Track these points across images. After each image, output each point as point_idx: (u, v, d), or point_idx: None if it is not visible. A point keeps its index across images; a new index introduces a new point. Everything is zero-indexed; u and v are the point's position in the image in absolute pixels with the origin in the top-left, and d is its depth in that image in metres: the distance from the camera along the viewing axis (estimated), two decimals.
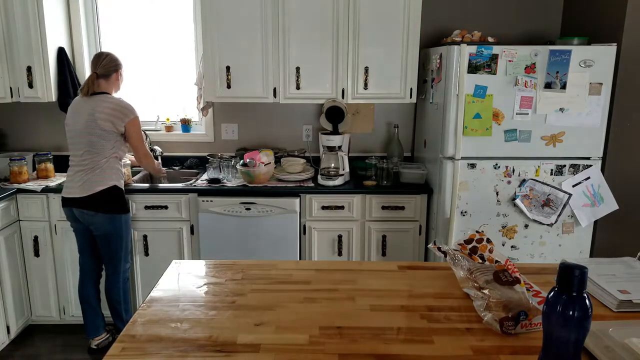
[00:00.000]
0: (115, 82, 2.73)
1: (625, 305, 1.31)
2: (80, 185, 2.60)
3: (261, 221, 2.95)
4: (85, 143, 2.59)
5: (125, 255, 2.78)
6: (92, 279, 2.83)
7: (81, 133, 2.59)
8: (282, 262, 1.65)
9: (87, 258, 2.80)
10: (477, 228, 2.78)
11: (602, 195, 2.74)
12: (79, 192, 2.60)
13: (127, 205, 2.75)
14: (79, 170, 2.61)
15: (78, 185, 2.60)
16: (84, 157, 2.60)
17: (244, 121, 3.52)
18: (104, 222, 2.66)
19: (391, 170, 3.07)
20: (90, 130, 2.57)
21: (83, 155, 2.60)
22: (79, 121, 2.60)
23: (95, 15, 3.45)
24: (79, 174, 2.61)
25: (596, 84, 2.61)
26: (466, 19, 3.31)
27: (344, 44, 3.02)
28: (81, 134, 2.59)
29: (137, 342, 1.17)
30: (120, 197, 2.69)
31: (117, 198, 2.67)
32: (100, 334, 2.87)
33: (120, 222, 2.70)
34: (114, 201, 2.66)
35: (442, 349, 1.14)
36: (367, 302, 1.36)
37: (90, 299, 2.82)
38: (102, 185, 2.61)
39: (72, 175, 2.65)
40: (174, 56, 3.54)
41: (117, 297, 2.80)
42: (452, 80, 2.64)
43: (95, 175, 2.60)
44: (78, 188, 2.60)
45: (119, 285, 2.79)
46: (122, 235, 2.73)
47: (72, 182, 2.63)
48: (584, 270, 0.89)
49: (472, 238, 1.46)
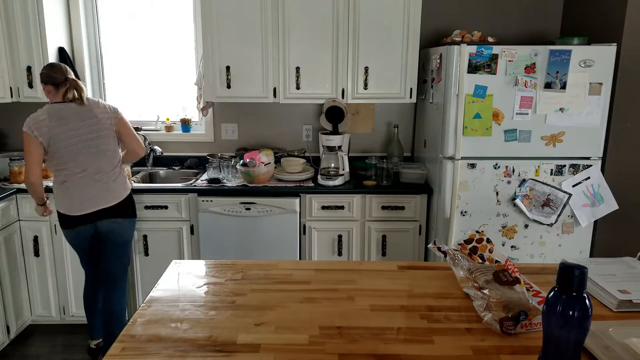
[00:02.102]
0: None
1: (625, 305, 1.31)
2: (107, 193, 2.48)
3: (261, 221, 2.95)
4: (98, 149, 2.46)
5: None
6: (99, 286, 2.75)
7: (91, 139, 2.44)
8: (282, 262, 1.65)
9: (94, 268, 2.71)
10: (477, 228, 2.78)
11: (602, 195, 2.74)
12: (105, 202, 2.48)
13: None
14: (98, 179, 2.46)
15: (103, 195, 2.47)
16: (100, 163, 2.47)
17: (244, 121, 3.52)
18: (130, 227, 2.64)
19: (391, 170, 3.07)
20: (101, 134, 2.47)
21: (97, 162, 2.46)
22: (82, 127, 2.44)
23: (95, 15, 3.45)
24: (99, 183, 2.46)
25: (596, 84, 2.61)
26: (466, 19, 3.31)
27: (344, 44, 3.02)
28: (91, 139, 2.44)
29: (137, 342, 1.17)
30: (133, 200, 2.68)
31: (133, 201, 2.66)
32: (100, 336, 2.86)
33: (135, 226, 2.71)
34: (133, 204, 2.65)
35: (442, 349, 1.14)
36: (367, 302, 1.36)
37: (99, 304, 2.76)
38: (126, 189, 2.59)
39: (85, 187, 2.45)
40: (174, 56, 3.54)
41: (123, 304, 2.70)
42: (452, 80, 2.64)
43: (120, 179, 2.55)
44: (104, 198, 2.48)
45: (126, 292, 2.74)
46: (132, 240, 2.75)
47: (91, 193, 2.45)
48: (584, 270, 0.89)
49: (472, 238, 1.46)
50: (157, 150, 3.44)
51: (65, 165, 2.44)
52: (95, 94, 3.56)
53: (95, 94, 3.56)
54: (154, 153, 3.44)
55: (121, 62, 3.56)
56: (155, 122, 3.59)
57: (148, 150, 3.43)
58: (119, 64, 3.56)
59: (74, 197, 2.46)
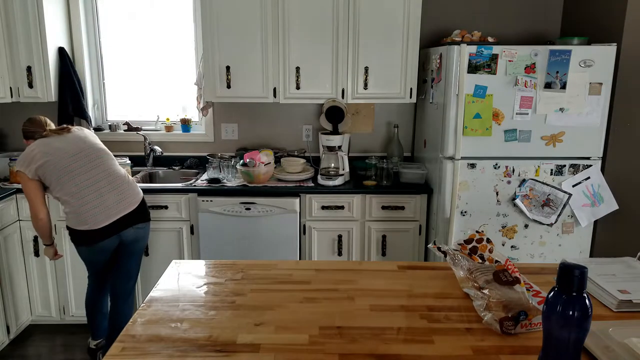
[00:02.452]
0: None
1: (625, 305, 1.31)
2: (125, 197, 2.46)
3: (261, 221, 2.95)
4: (98, 157, 2.46)
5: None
6: (107, 292, 2.73)
7: (85, 149, 2.45)
8: (282, 262, 1.65)
9: (102, 276, 2.66)
10: (477, 228, 2.78)
11: (602, 195, 2.74)
12: (127, 206, 2.46)
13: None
14: (111, 188, 2.43)
15: (122, 199, 2.44)
16: (105, 169, 2.45)
17: (244, 121, 3.52)
18: (149, 231, 2.64)
19: (391, 170, 3.07)
20: (93, 144, 2.49)
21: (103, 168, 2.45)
22: (74, 143, 2.44)
23: (95, 15, 3.45)
24: (115, 190, 2.44)
25: (596, 83, 2.61)
26: (466, 19, 3.31)
27: (344, 44, 3.02)
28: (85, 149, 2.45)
29: (137, 341, 1.17)
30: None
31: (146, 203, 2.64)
32: (104, 336, 2.86)
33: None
34: (147, 207, 2.64)
35: (442, 349, 1.14)
36: (367, 302, 1.36)
37: (104, 308, 2.75)
38: (140, 192, 2.58)
39: (102, 196, 2.40)
40: (174, 56, 3.54)
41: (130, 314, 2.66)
42: (452, 80, 2.64)
43: (131, 182, 2.54)
44: (124, 202, 2.45)
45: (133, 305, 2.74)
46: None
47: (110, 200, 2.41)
48: (584, 270, 0.89)
49: (472, 238, 1.46)
50: (157, 150, 3.44)
51: (75, 185, 2.39)
52: (95, 94, 3.57)
53: (95, 93, 3.57)
54: (153, 153, 3.44)
55: (121, 62, 3.56)
56: (155, 122, 3.59)
57: (148, 150, 3.43)
58: (119, 64, 3.56)
59: (97, 208, 2.39)
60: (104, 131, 3.50)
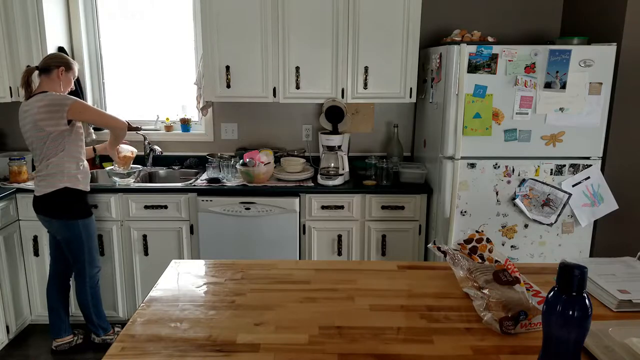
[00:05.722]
0: (56, 80, 2.56)
1: (625, 305, 1.31)
2: (36, 189, 2.59)
3: (261, 221, 2.95)
4: (36, 147, 2.52)
5: (91, 261, 2.71)
6: (56, 281, 2.81)
7: (30, 138, 2.52)
8: (282, 262, 1.65)
9: (52, 261, 2.81)
10: (477, 228, 2.78)
11: (602, 195, 2.74)
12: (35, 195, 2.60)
13: (85, 210, 2.66)
14: (37, 175, 2.58)
15: (35, 190, 2.59)
16: (37, 160, 2.56)
17: (244, 121, 3.52)
18: (60, 228, 2.62)
19: (391, 170, 3.07)
20: (37, 135, 2.49)
21: (36, 158, 2.56)
22: (25, 126, 2.52)
23: (95, 15, 3.45)
24: (37, 179, 2.58)
25: (596, 83, 2.61)
26: (466, 19, 3.31)
27: (344, 44, 3.02)
28: (30, 138, 2.52)
29: (136, 341, 1.16)
30: (74, 201, 2.59)
31: (70, 203, 2.58)
32: (62, 337, 2.86)
33: (78, 228, 2.61)
34: (67, 206, 2.57)
35: (441, 349, 1.14)
36: (366, 302, 1.36)
37: (52, 302, 2.81)
38: (51, 187, 2.52)
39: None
40: (173, 56, 3.53)
41: (84, 301, 2.77)
42: (452, 80, 2.64)
43: (47, 177, 2.54)
44: (35, 192, 2.60)
45: (86, 290, 2.75)
46: (83, 241, 2.64)
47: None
48: (584, 270, 0.89)
49: (472, 238, 1.46)
50: (157, 150, 3.44)
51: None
52: (95, 94, 3.57)
53: (95, 93, 3.57)
54: (153, 153, 3.44)
55: (121, 62, 3.56)
56: (155, 122, 3.58)
57: (148, 150, 3.43)
58: (118, 64, 3.56)
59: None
60: (103, 131, 3.50)
